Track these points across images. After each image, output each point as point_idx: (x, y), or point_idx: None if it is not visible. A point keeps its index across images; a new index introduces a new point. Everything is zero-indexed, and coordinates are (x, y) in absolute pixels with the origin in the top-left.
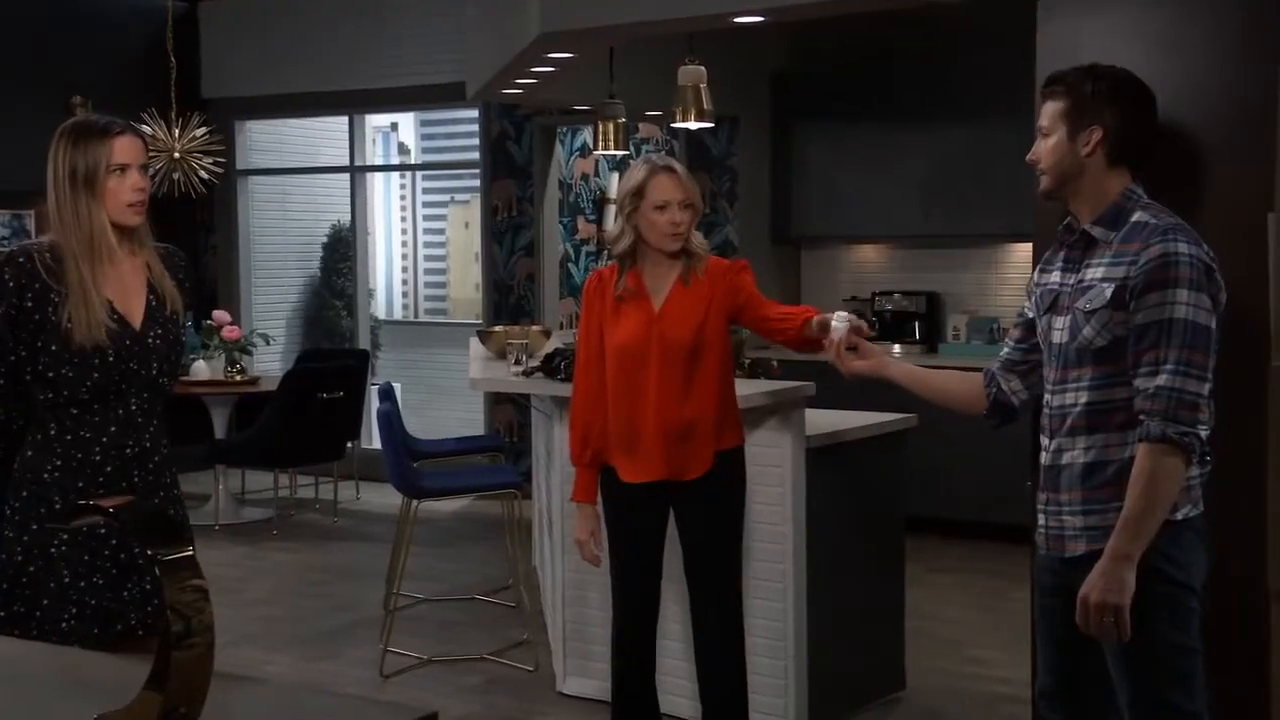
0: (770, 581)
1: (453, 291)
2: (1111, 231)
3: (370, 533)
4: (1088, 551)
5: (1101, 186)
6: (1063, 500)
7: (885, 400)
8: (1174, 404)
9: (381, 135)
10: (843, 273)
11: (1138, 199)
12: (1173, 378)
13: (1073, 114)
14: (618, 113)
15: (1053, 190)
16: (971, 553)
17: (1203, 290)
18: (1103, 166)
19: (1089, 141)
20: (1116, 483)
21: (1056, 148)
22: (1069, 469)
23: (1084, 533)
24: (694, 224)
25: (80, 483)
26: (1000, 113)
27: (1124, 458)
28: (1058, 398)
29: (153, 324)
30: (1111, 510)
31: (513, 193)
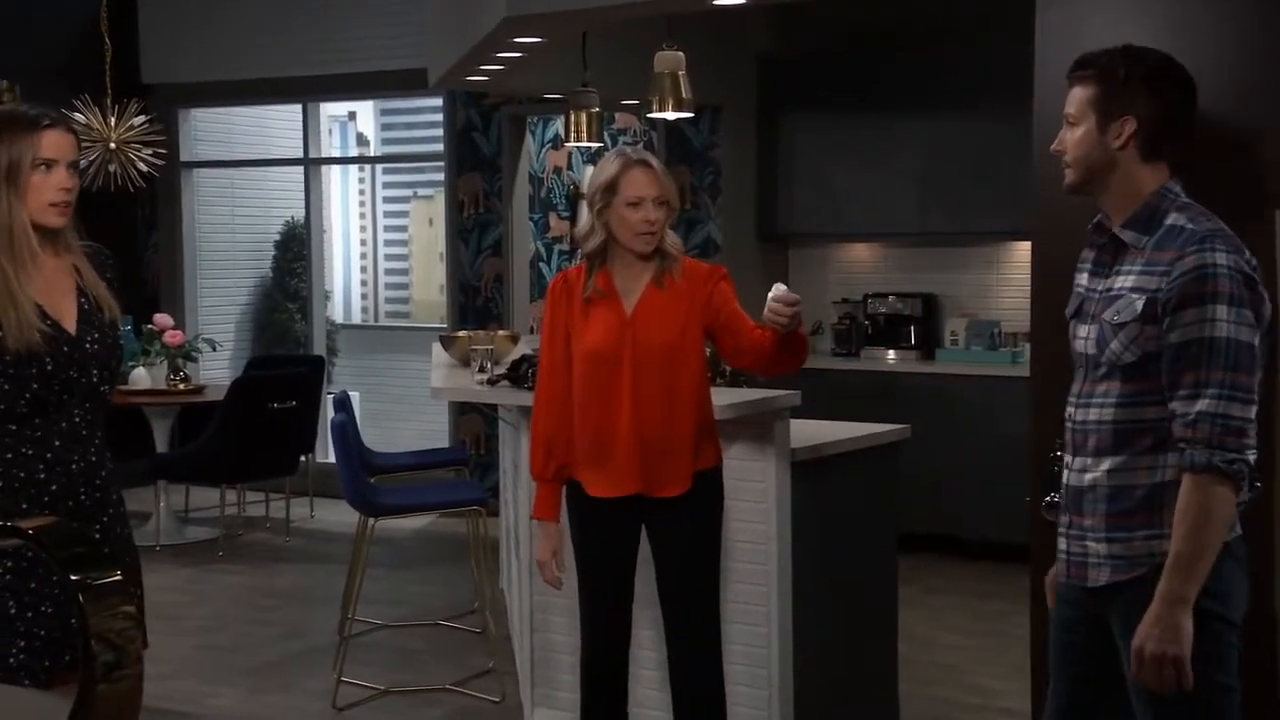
0: (751, 605)
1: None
2: (1144, 236)
3: (324, 553)
4: (1111, 582)
5: (1134, 183)
6: (1086, 525)
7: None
8: (1218, 430)
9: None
10: (833, 273)
11: (1174, 199)
12: (1215, 402)
13: (1104, 102)
14: (591, 102)
15: (1079, 185)
16: (970, 573)
17: (1244, 304)
18: (1136, 161)
19: (1121, 133)
20: (1145, 509)
21: (1084, 139)
22: (1092, 491)
23: (1107, 561)
24: (669, 223)
25: (23, 504)
26: (1003, 102)
27: (1153, 482)
28: (1081, 412)
29: (88, 328)
30: (1138, 539)
31: (479, 187)
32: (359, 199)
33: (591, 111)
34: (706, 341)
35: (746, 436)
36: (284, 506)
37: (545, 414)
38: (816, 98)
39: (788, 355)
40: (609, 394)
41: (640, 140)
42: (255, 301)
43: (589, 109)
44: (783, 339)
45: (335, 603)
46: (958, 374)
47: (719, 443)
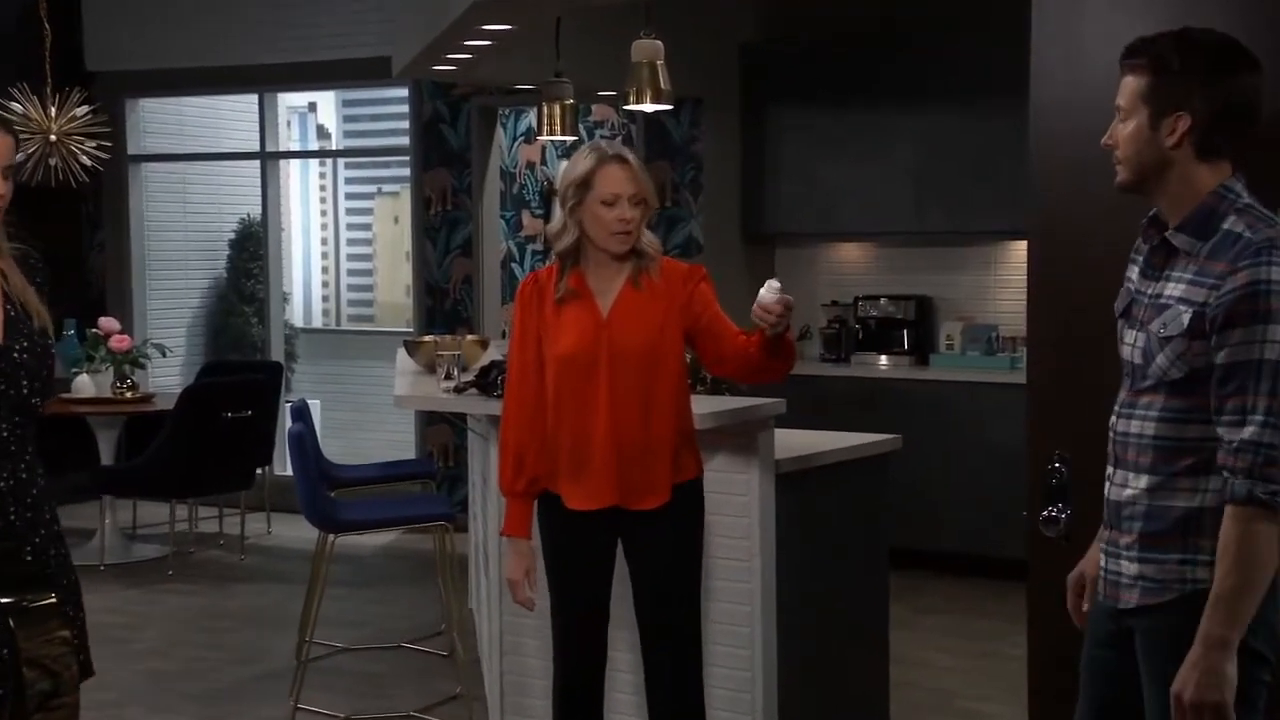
0: (734, 626)
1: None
2: (1199, 241)
3: (282, 572)
4: (1140, 605)
5: (1191, 183)
6: (1121, 543)
7: (866, 419)
8: (1261, 461)
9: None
10: (822, 275)
11: (1233, 200)
12: (1261, 430)
13: (1156, 95)
14: (565, 93)
15: (1132, 184)
16: (965, 591)
17: None
18: (1191, 159)
19: (1174, 130)
20: (1180, 533)
21: (1136, 135)
22: (1130, 507)
23: (1138, 582)
24: (645, 221)
25: None
26: (1002, 95)
27: (1191, 505)
28: (1124, 423)
29: (16, 337)
30: (1171, 563)
31: (448, 183)
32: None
33: (566, 103)
34: (686, 346)
35: (728, 447)
36: (238, 522)
37: (515, 423)
38: (804, 89)
39: (774, 362)
40: (584, 400)
41: (618, 134)
42: (208, 304)
43: (563, 101)
44: (769, 344)
45: (293, 624)
46: (953, 381)
47: (699, 453)
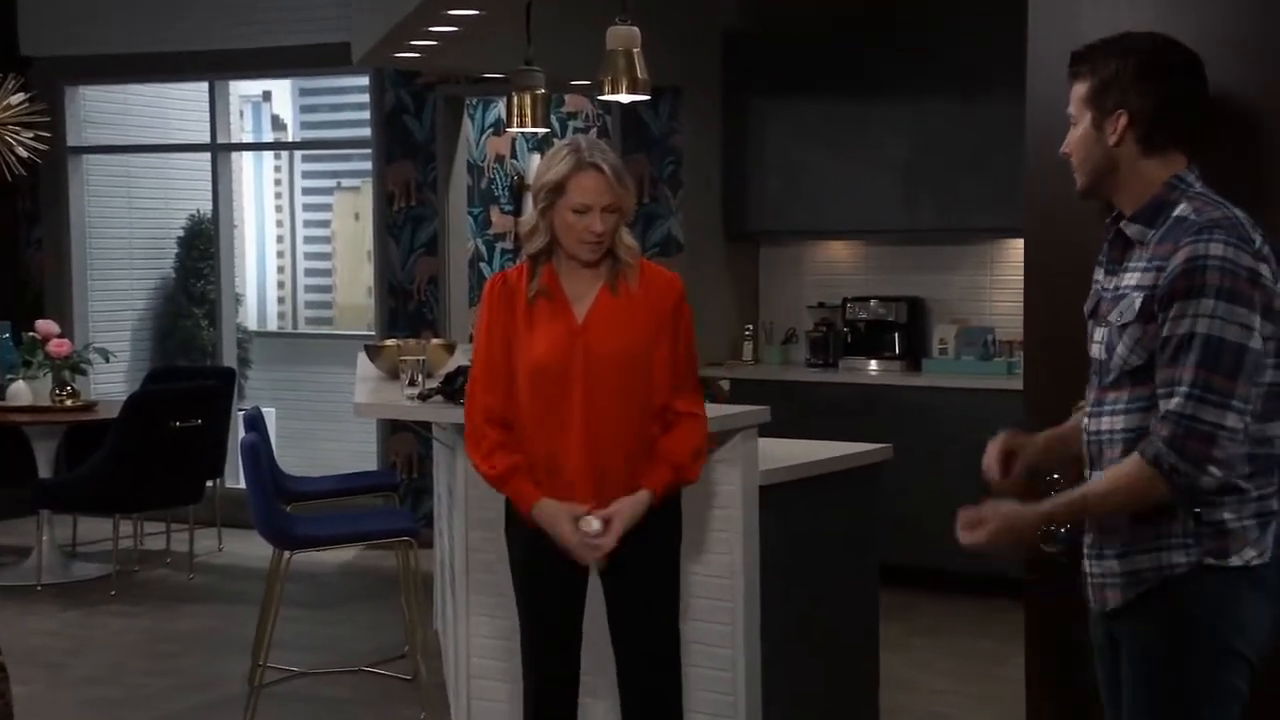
0: (715, 647)
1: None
2: (1149, 230)
3: (234, 592)
4: (1124, 602)
5: (1142, 179)
6: (1105, 543)
7: (855, 427)
8: (1182, 432)
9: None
10: (808, 275)
11: (1184, 188)
12: (1185, 402)
13: (1097, 97)
14: (536, 82)
15: (1088, 189)
16: (960, 610)
17: (1236, 300)
18: (1137, 156)
19: (1115, 128)
20: (1154, 523)
21: (1084, 139)
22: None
23: (1120, 579)
24: (620, 228)
25: None
26: (998, 85)
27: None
28: (1095, 421)
29: None
30: (1148, 550)
31: (411, 177)
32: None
33: (537, 93)
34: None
35: (710, 457)
36: (187, 539)
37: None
38: (789, 79)
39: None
40: (557, 411)
41: (592, 125)
42: (155, 306)
43: (534, 90)
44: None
45: (245, 648)
46: (947, 387)
47: None
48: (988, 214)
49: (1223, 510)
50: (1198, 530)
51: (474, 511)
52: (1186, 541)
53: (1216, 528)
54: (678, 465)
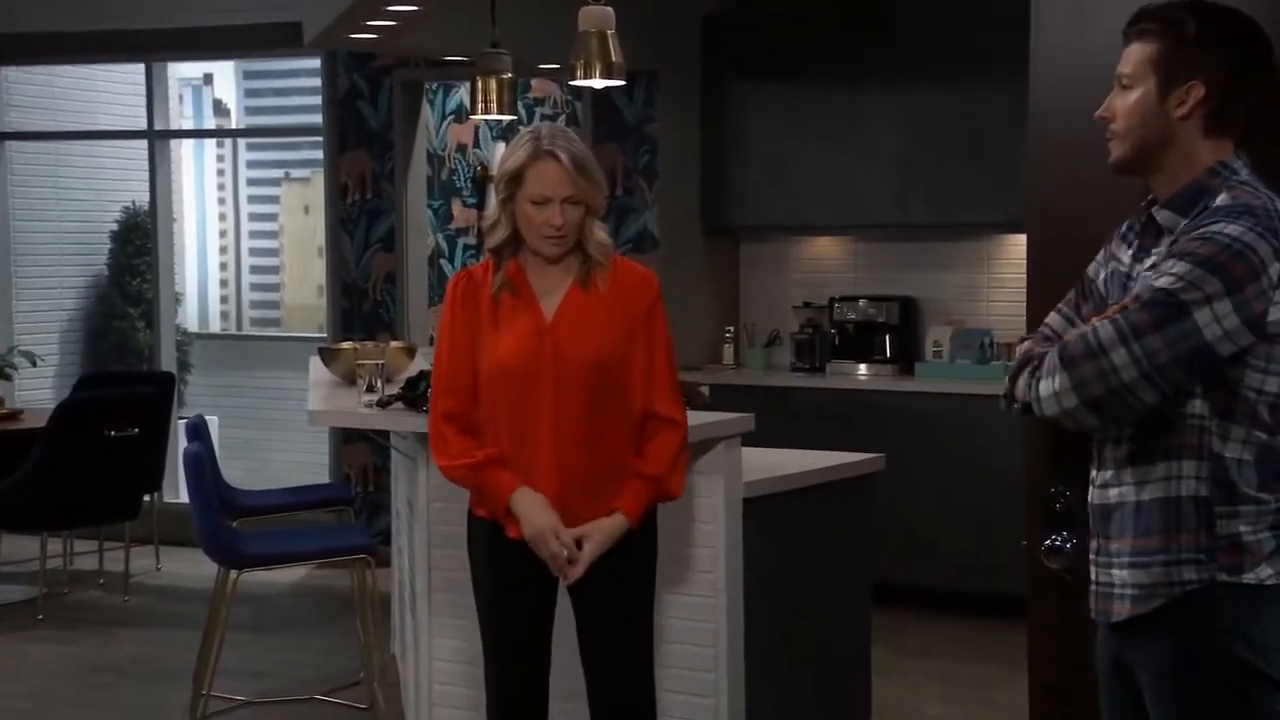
0: (696, 671)
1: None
2: (1181, 218)
3: (173, 615)
4: (1131, 615)
5: (1192, 161)
6: (1113, 549)
7: (844, 436)
8: (1074, 342)
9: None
10: (793, 273)
11: (1227, 176)
12: (1106, 328)
13: (1169, 62)
14: (502, 66)
15: (1129, 161)
16: (957, 632)
17: (1218, 275)
18: (1198, 135)
19: (1185, 100)
20: (1163, 529)
21: (1140, 105)
22: (1120, 509)
23: (1126, 591)
24: (587, 222)
25: None
26: (997, 70)
27: (1169, 495)
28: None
29: None
30: (1156, 564)
31: (367, 168)
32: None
33: (503, 78)
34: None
35: (690, 468)
36: (122, 558)
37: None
38: (773, 64)
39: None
40: (525, 416)
41: (561, 112)
42: (87, 306)
43: (500, 75)
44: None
45: (186, 675)
46: (941, 392)
47: None
48: (984, 208)
49: (1237, 522)
50: (1211, 543)
51: (436, 527)
52: (1198, 556)
53: (1231, 541)
54: (656, 479)
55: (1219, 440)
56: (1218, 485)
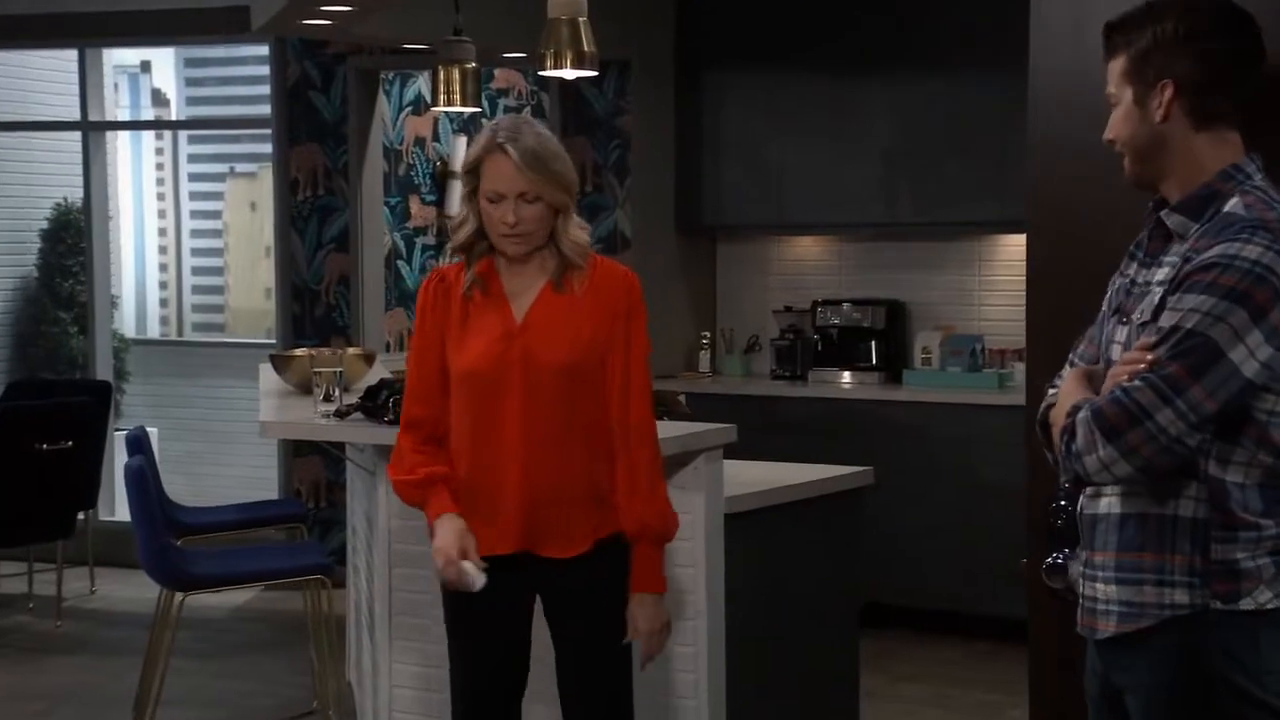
0: (675, 698)
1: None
2: (1193, 223)
3: (112, 641)
4: (1117, 633)
5: (1195, 160)
6: (1097, 562)
7: (829, 448)
8: (1109, 400)
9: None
10: (773, 275)
11: (1241, 180)
12: (1131, 381)
13: (1136, 69)
14: (466, 55)
15: (1137, 174)
16: (951, 655)
17: (1244, 306)
18: (1188, 131)
19: (1160, 101)
20: (1156, 548)
21: (1127, 118)
22: (1105, 520)
23: (1116, 607)
24: (560, 219)
25: None
26: (990, 61)
27: (1165, 514)
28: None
29: None
30: (1147, 583)
31: (319, 162)
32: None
33: (466, 67)
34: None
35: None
36: (54, 580)
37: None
38: (752, 52)
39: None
40: (493, 423)
41: (526, 104)
42: (16, 309)
43: (464, 64)
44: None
45: (126, 706)
46: (930, 402)
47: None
48: (976, 206)
49: (1235, 548)
50: (1205, 568)
51: (397, 545)
52: (1191, 580)
53: (1227, 567)
54: (651, 535)
55: (1218, 464)
56: (1215, 509)
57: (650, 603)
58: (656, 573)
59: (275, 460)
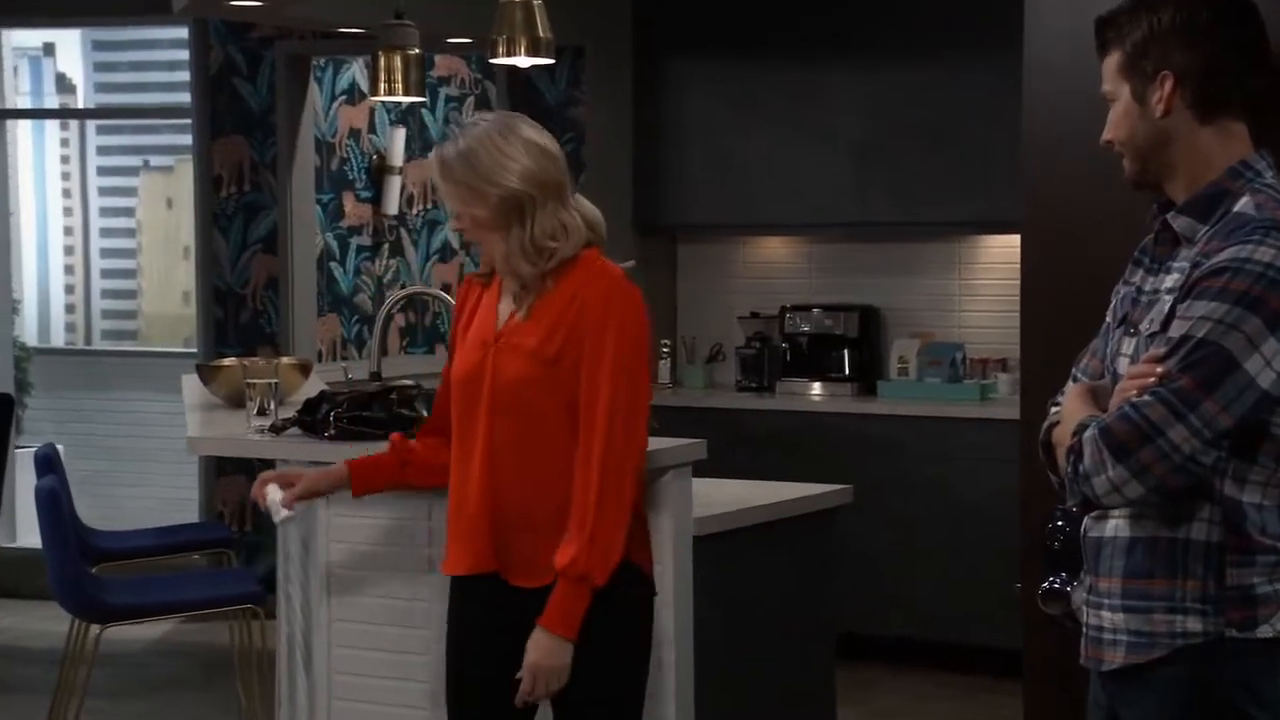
0: None
1: (147, 304)
2: (1200, 225)
3: (16, 679)
4: (1125, 664)
5: (1201, 156)
6: (1103, 589)
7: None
8: (1117, 417)
9: (28, 62)
10: (738, 278)
11: (1250, 178)
12: (1141, 395)
13: (1133, 63)
14: (409, 40)
15: (1139, 174)
16: (933, 689)
17: (1257, 313)
18: (1192, 126)
19: (1161, 95)
20: (1167, 573)
21: (1126, 116)
22: (1112, 544)
23: (1125, 636)
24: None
25: None
26: (972, 49)
27: (1178, 536)
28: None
29: None
30: (1158, 610)
31: (244, 155)
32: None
33: (409, 54)
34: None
35: None
36: None
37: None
38: (716, 38)
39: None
40: (468, 436)
41: (470, 93)
42: None
43: (406, 50)
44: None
45: None
46: (907, 415)
47: (632, 534)
48: (958, 204)
49: (1251, 573)
50: (1219, 593)
51: (338, 570)
52: (1204, 607)
53: (1242, 593)
54: (574, 574)
55: (1233, 484)
56: (1231, 531)
57: (545, 641)
58: (567, 615)
59: (195, 480)
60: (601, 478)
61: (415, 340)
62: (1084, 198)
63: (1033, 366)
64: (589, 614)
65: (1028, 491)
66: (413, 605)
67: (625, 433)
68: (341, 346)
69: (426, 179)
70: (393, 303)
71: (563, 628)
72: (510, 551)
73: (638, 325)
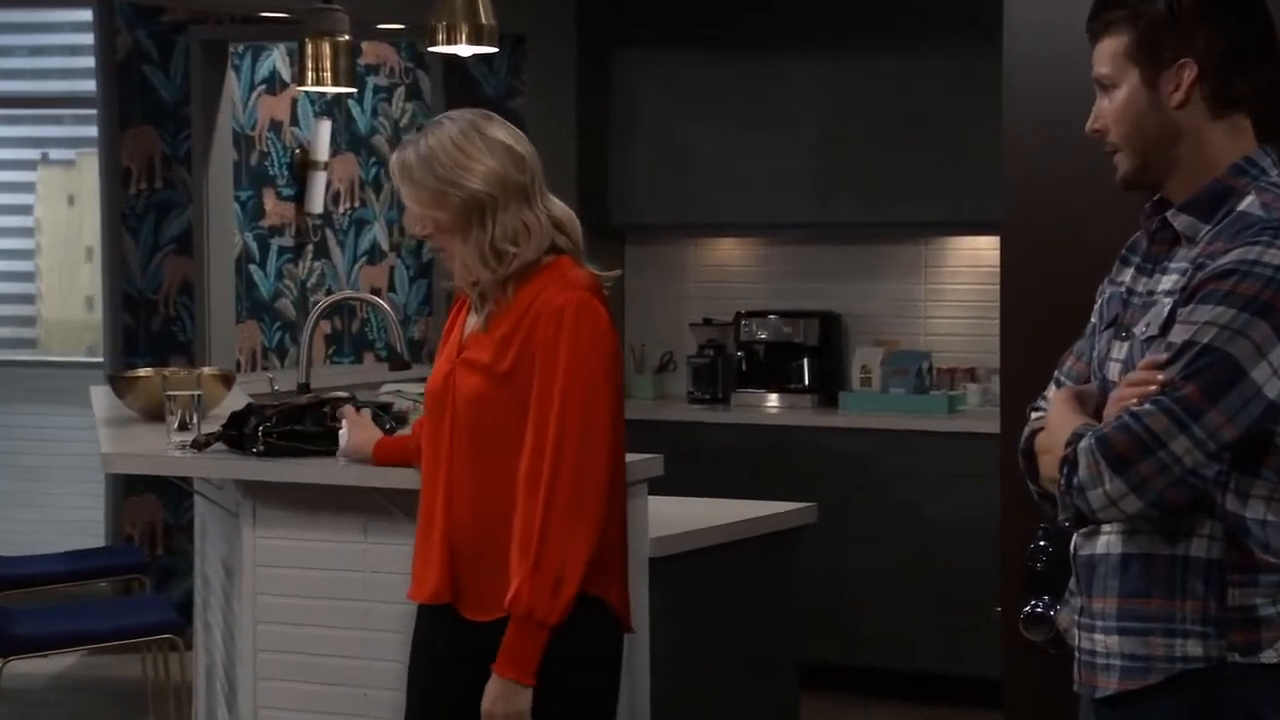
0: None
1: (46, 309)
2: (1203, 224)
3: None
4: (1120, 690)
5: (1208, 150)
6: (1095, 610)
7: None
8: (1116, 427)
9: None
10: (690, 282)
11: (1255, 176)
12: (1141, 404)
13: (1146, 48)
14: (338, 26)
15: (1139, 172)
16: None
17: (1266, 318)
18: (1205, 120)
19: (1178, 84)
20: (1165, 593)
21: (1131, 104)
22: (1105, 562)
23: (1120, 660)
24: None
25: None
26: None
27: (1175, 553)
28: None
29: None
30: (1155, 633)
31: (156, 149)
32: None
33: (339, 40)
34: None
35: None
36: None
37: None
38: (666, 27)
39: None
40: (434, 458)
41: (400, 83)
42: None
43: (335, 36)
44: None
45: None
46: (871, 428)
47: (595, 571)
48: (923, 204)
49: (1254, 593)
50: (1220, 615)
51: (265, 597)
52: (1205, 629)
53: (1244, 614)
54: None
55: (1235, 498)
56: (1232, 548)
57: (496, 687)
58: (517, 658)
59: (100, 500)
60: (547, 504)
61: (341, 349)
62: (1068, 195)
63: (1013, 374)
64: (548, 655)
65: (1007, 509)
66: (348, 634)
67: (579, 455)
68: (262, 355)
69: (353, 175)
70: (322, 308)
71: (514, 671)
72: (461, 581)
73: (595, 335)
